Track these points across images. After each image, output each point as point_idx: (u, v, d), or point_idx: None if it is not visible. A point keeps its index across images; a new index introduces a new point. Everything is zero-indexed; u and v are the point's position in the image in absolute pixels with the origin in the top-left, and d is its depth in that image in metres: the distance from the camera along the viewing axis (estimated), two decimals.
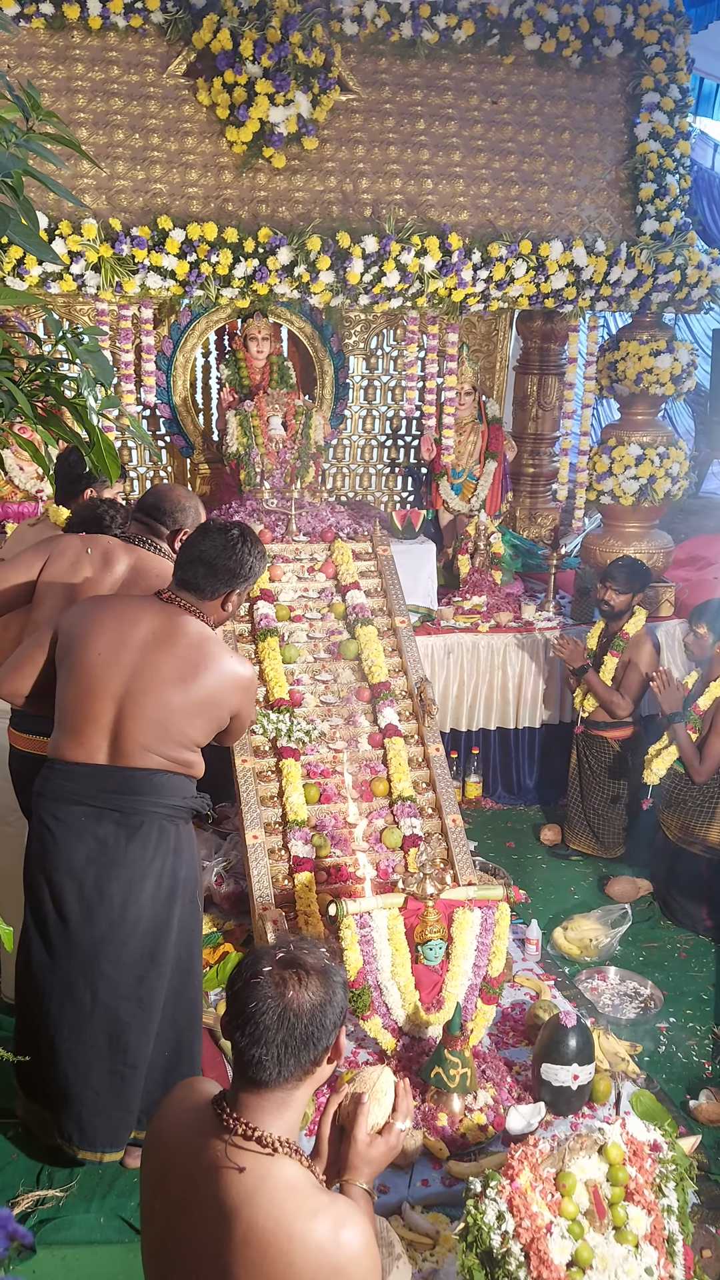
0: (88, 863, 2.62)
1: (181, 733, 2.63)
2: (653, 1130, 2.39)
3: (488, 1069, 3.21)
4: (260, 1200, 1.44)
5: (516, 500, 6.26)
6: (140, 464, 5.81)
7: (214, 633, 2.69)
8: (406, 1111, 1.72)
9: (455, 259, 4.48)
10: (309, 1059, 1.52)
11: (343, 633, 4.26)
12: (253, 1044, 1.49)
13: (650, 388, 5.07)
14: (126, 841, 2.62)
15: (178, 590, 2.67)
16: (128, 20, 4.39)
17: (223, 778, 4.01)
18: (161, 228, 4.19)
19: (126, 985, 2.65)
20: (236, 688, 2.68)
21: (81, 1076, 2.67)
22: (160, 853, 2.65)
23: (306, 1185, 1.48)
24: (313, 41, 4.35)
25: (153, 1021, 2.70)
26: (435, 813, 3.85)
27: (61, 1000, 2.65)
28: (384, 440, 6.17)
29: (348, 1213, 1.48)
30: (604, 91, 5.00)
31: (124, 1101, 2.71)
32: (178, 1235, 1.51)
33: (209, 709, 2.66)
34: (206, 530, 2.68)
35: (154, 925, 2.66)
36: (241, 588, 2.70)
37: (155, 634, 2.61)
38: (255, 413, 5.08)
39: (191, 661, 2.60)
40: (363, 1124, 1.67)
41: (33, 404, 1.42)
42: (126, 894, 2.61)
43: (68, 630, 2.72)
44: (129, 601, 2.75)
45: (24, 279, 4.10)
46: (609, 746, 4.67)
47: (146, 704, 2.59)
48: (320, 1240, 1.43)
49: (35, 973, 2.68)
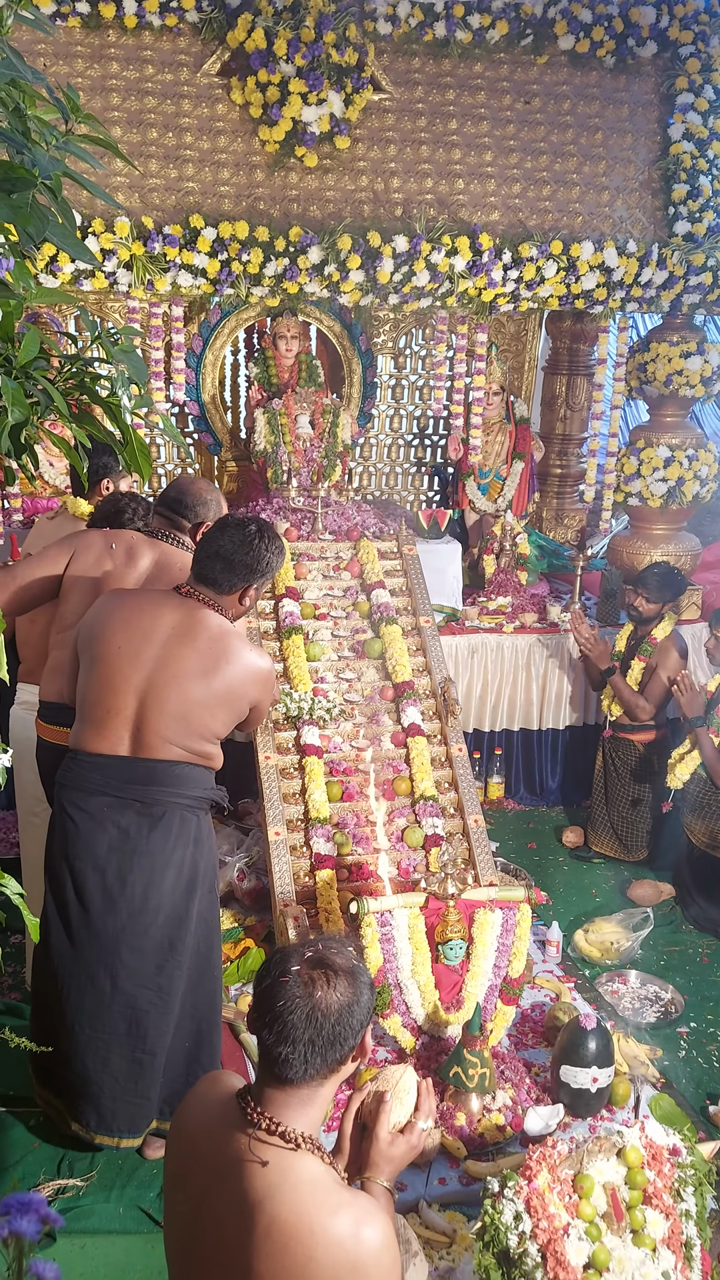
0: (110, 852, 2.65)
1: (203, 725, 2.67)
2: (672, 1134, 2.39)
3: (506, 1070, 3.21)
4: (283, 1195, 1.45)
5: (543, 501, 6.24)
6: (168, 461, 5.84)
7: (233, 626, 2.72)
8: (429, 1111, 1.73)
9: (486, 259, 4.48)
10: (335, 1058, 1.53)
11: (367, 631, 4.27)
12: (280, 1042, 1.50)
13: (680, 389, 5.04)
14: (149, 831, 2.66)
15: (196, 584, 2.70)
16: (163, 19, 4.41)
17: (246, 774, 4.03)
18: (193, 226, 4.21)
19: (146, 973, 2.68)
20: (256, 680, 2.71)
21: (100, 1063, 2.71)
22: (181, 843, 2.69)
23: (328, 1181, 1.50)
24: (346, 41, 4.36)
25: (171, 1010, 2.73)
26: (457, 813, 3.85)
27: (82, 987, 2.68)
28: (411, 439, 6.17)
29: (369, 1210, 1.49)
30: (638, 92, 4.97)
31: (142, 1089, 2.74)
32: (201, 1225, 1.53)
33: (229, 701, 2.69)
34: (224, 525, 2.70)
35: (174, 914, 2.69)
36: (259, 582, 2.72)
37: (176, 628, 2.65)
38: (283, 411, 5.09)
39: (212, 655, 2.63)
40: (385, 1122, 1.68)
41: (66, 401, 1.44)
42: (148, 883, 2.65)
43: (88, 623, 2.76)
44: (149, 595, 2.79)
45: (56, 276, 4.14)
46: (635, 749, 4.65)
47: (168, 697, 2.62)
48: (341, 1236, 1.44)
49: (56, 960, 2.71)
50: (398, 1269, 1.50)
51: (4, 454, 1.37)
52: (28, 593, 3.08)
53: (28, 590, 3.08)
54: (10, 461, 1.47)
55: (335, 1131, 2.65)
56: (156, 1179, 2.82)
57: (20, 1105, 3.06)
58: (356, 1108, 1.73)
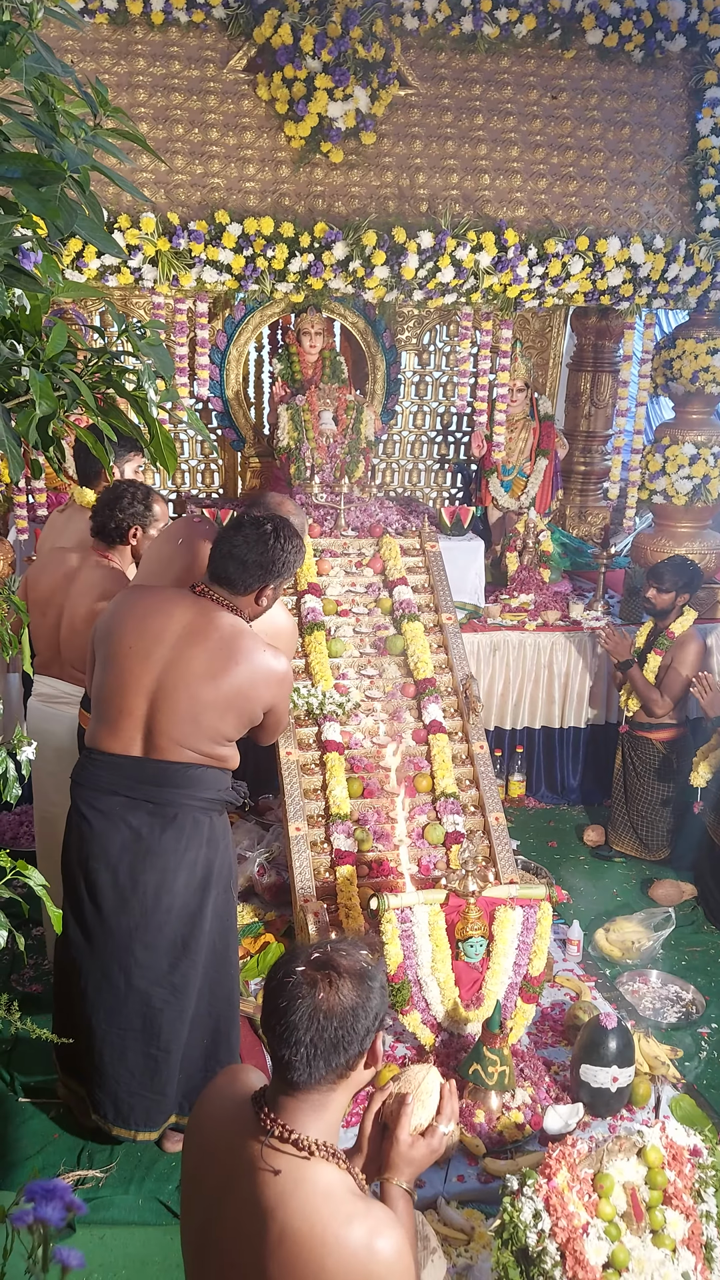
0: (123, 851, 2.65)
1: (213, 728, 2.63)
2: (693, 1135, 2.37)
3: (526, 1068, 3.20)
4: (294, 1204, 1.44)
5: (567, 498, 6.22)
6: (191, 456, 5.86)
7: (247, 626, 2.67)
8: (451, 1114, 1.70)
9: (511, 255, 4.46)
10: (340, 1062, 1.50)
11: (389, 628, 4.26)
12: (282, 1044, 1.49)
13: (706, 386, 5.01)
14: (161, 832, 2.64)
15: (211, 584, 2.66)
16: (189, 15, 4.42)
17: (266, 770, 4.04)
18: (219, 222, 4.21)
19: (159, 971, 2.68)
20: (269, 681, 2.65)
21: (117, 1057, 2.72)
22: (194, 844, 2.67)
23: (343, 1190, 1.47)
24: (373, 36, 4.35)
25: (185, 1008, 2.73)
26: (478, 810, 3.84)
27: (98, 983, 2.70)
28: (434, 436, 6.16)
29: (384, 1221, 1.47)
30: (666, 86, 4.93)
31: (158, 1084, 2.75)
32: (217, 1226, 1.52)
33: (240, 703, 2.63)
34: (239, 525, 2.64)
35: (187, 913, 2.68)
36: (276, 582, 2.67)
37: (187, 628, 2.61)
38: (307, 407, 5.10)
39: (222, 656, 2.59)
40: (406, 1124, 1.66)
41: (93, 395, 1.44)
42: (160, 883, 2.64)
43: (104, 621, 2.74)
44: (164, 595, 2.74)
45: (82, 272, 4.16)
46: (654, 748, 4.62)
47: (178, 699, 2.59)
48: (354, 1247, 1.42)
49: (73, 956, 2.73)
50: (411, 1276, 1.48)
51: (32, 446, 1.37)
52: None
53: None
54: (38, 454, 1.47)
55: (354, 1127, 2.65)
56: (175, 1172, 2.84)
57: (41, 1097, 3.09)
58: (377, 1108, 1.72)
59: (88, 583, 3.32)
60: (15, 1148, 2.93)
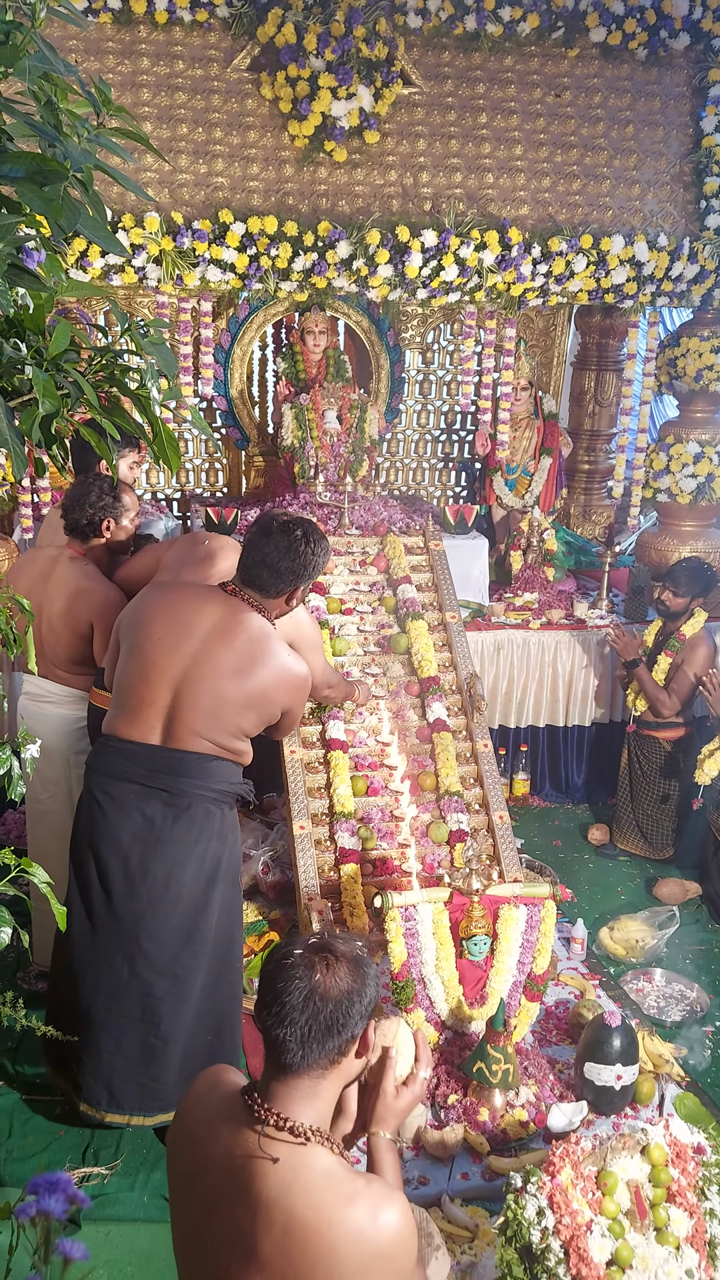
0: (134, 839, 2.68)
1: (233, 723, 2.69)
2: (697, 1133, 2.38)
3: (530, 1066, 3.20)
4: (297, 1190, 1.45)
5: (571, 497, 6.21)
6: (195, 455, 5.86)
7: (274, 630, 2.74)
8: (427, 1060, 1.74)
9: (515, 253, 4.46)
10: (334, 1046, 1.51)
11: (393, 627, 4.27)
12: (278, 1024, 1.50)
13: (710, 385, 5.00)
14: (173, 821, 2.68)
15: (242, 586, 2.72)
16: (193, 15, 4.42)
17: (271, 768, 4.04)
18: (222, 221, 4.22)
19: (163, 961, 2.70)
20: (290, 685, 2.74)
21: (114, 1043, 2.74)
22: (205, 835, 2.71)
23: (341, 1172, 1.49)
24: (376, 35, 4.35)
25: (186, 999, 2.74)
26: (482, 809, 3.85)
27: (100, 970, 2.72)
28: (438, 435, 6.16)
29: (383, 1194, 1.49)
30: (670, 84, 4.93)
31: (154, 1072, 2.77)
32: (214, 1226, 1.51)
33: (260, 703, 2.71)
34: (269, 531, 2.70)
35: (193, 905, 2.71)
36: (306, 584, 2.76)
37: (217, 626, 2.67)
38: (310, 406, 5.10)
39: (249, 656, 2.66)
40: (391, 1075, 1.69)
41: (96, 393, 1.45)
42: (169, 872, 2.68)
43: (131, 610, 2.79)
44: (194, 590, 2.81)
45: (86, 271, 4.17)
46: (660, 747, 4.62)
47: (202, 693, 2.64)
48: (361, 1225, 1.44)
49: (77, 941, 2.75)
50: (415, 1241, 1.51)
51: (36, 445, 1.38)
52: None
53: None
54: (41, 453, 1.48)
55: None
56: None
57: (45, 1093, 3.09)
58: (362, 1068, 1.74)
59: (63, 579, 3.33)
60: (20, 1145, 2.93)
